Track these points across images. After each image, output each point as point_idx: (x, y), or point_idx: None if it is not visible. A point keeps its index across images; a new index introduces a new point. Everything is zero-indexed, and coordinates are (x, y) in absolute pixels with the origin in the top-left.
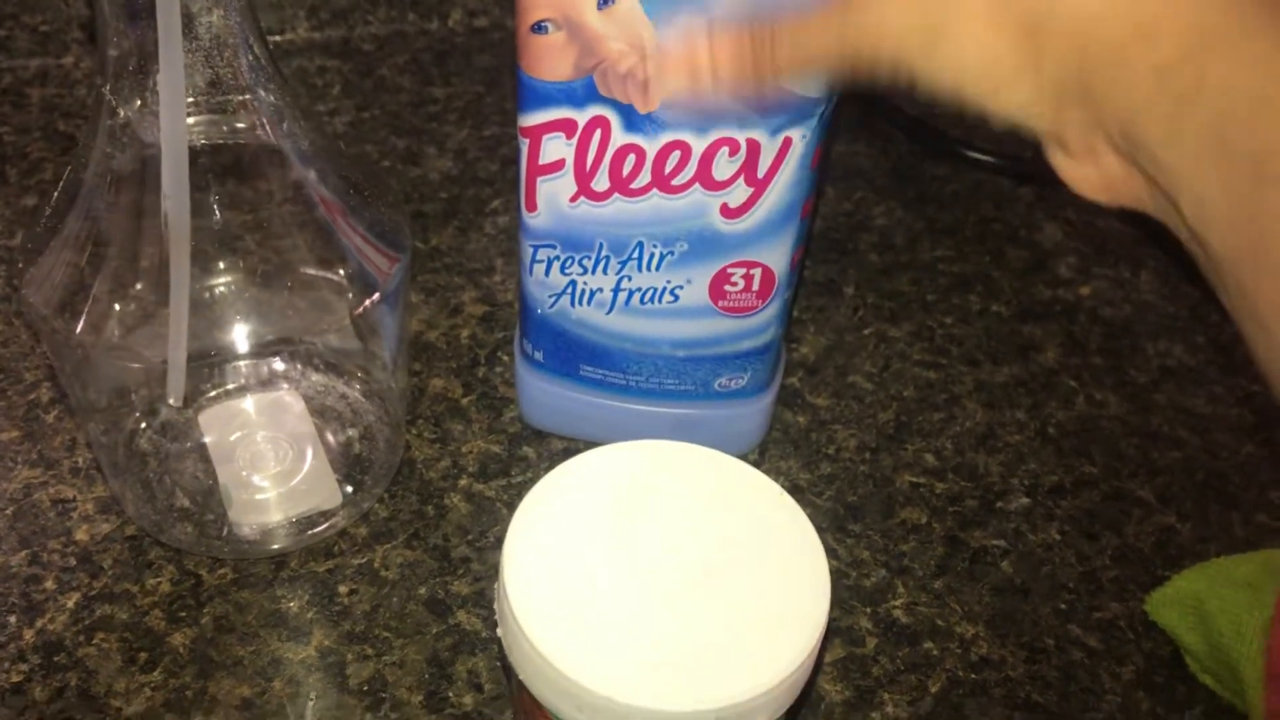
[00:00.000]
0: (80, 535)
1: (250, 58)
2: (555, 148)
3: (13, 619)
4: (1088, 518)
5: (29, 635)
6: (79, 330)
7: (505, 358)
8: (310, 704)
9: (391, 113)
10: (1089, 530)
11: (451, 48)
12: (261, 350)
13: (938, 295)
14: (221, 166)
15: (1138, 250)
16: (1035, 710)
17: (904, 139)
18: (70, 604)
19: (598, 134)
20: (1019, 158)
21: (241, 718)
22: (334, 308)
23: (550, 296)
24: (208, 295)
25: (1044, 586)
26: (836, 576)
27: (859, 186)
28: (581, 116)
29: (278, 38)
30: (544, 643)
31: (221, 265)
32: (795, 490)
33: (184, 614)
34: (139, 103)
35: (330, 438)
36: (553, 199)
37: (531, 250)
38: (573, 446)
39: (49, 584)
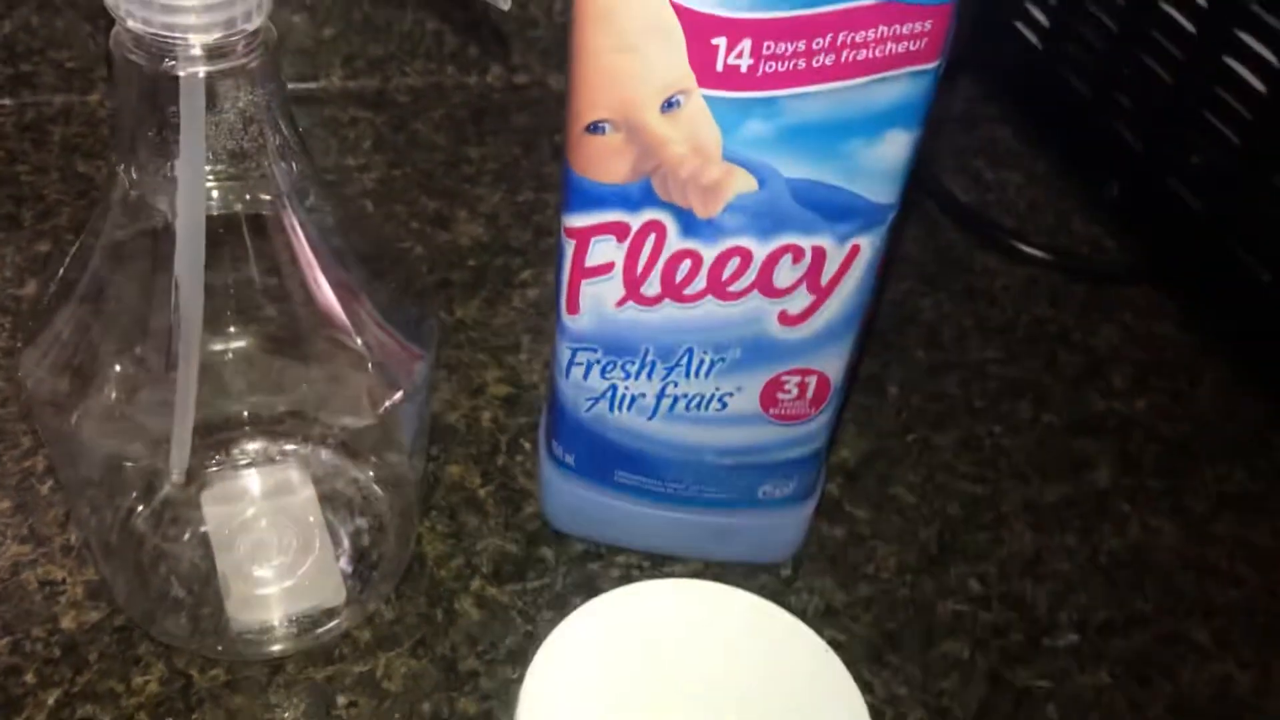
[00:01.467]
0: (67, 623)
1: (277, 138)
2: (604, 250)
3: None
4: (1140, 660)
5: None
6: (73, 420)
7: (527, 445)
8: None
9: (424, 171)
10: (1141, 674)
11: (489, 104)
12: (271, 427)
13: (986, 401)
14: (238, 237)
15: (1197, 360)
16: None
17: (953, 227)
18: (50, 701)
19: (652, 238)
20: (1073, 253)
21: None
22: (353, 386)
23: (587, 400)
24: (218, 364)
25: None
26: (872, 714)
27: (906, 275)
28: (635, 220)
29: (310, 85)
30: None
31: (231, 330)
32: (830, 613)
33: (171, 719)
34: (155, 177)
35: (338, 526)
36: (597, 302)
37: (570, 353)
38: (592, 550)
39: (29, 677)
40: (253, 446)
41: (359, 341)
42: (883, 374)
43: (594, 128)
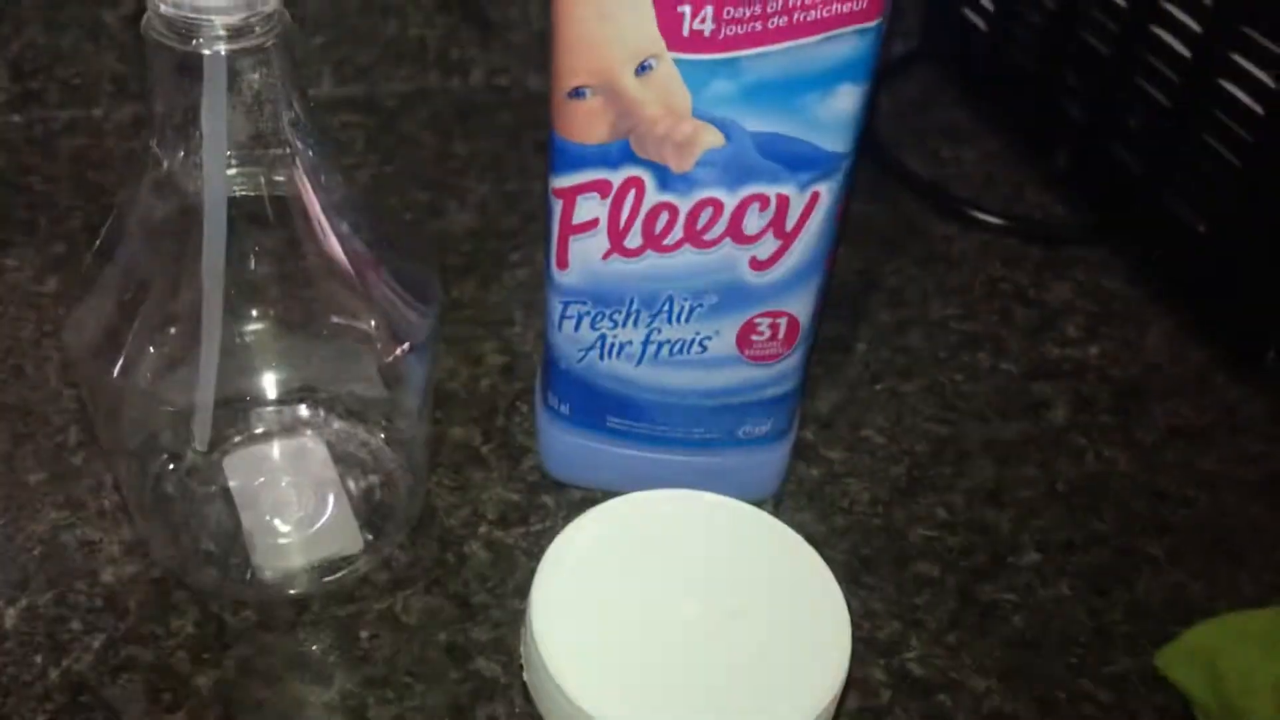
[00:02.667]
0: (106, 577)
1: (290, 114)
2: (589, 208)
3: (39, 658)
4: (1098, 574)
5: (54, 675)
6: (115, 374)
7: (524, 408)
8: None
9: (414, 167)
10: (1099, 586)
11: (472, 106)
12: (287, 397)
13: (948, 353)
14: (258, 216)
15: (1144, 311)
16: None
17: (914, 198)
18: (96, 645)
19: (632, 193)
20: (1027, 218)
21: None
22: (361, 357)
23: (579, 351)
24: (237, 341)
25: (1055, 641)
26: (852, 628)
27: (871, 245)
28: (616, 177)
29: None
30: (571, 686)
31: (253, 313)
32: (811, 542)
33: (208, 656)
34: (182, 154)
35: (352, 484)
36: (584, 257)
37: (561, 306)
38: (589, 496)
39: (75, 625)
40: (270, 415)
41: (368, 302)
42: (850, 334)
43: (575, 93)
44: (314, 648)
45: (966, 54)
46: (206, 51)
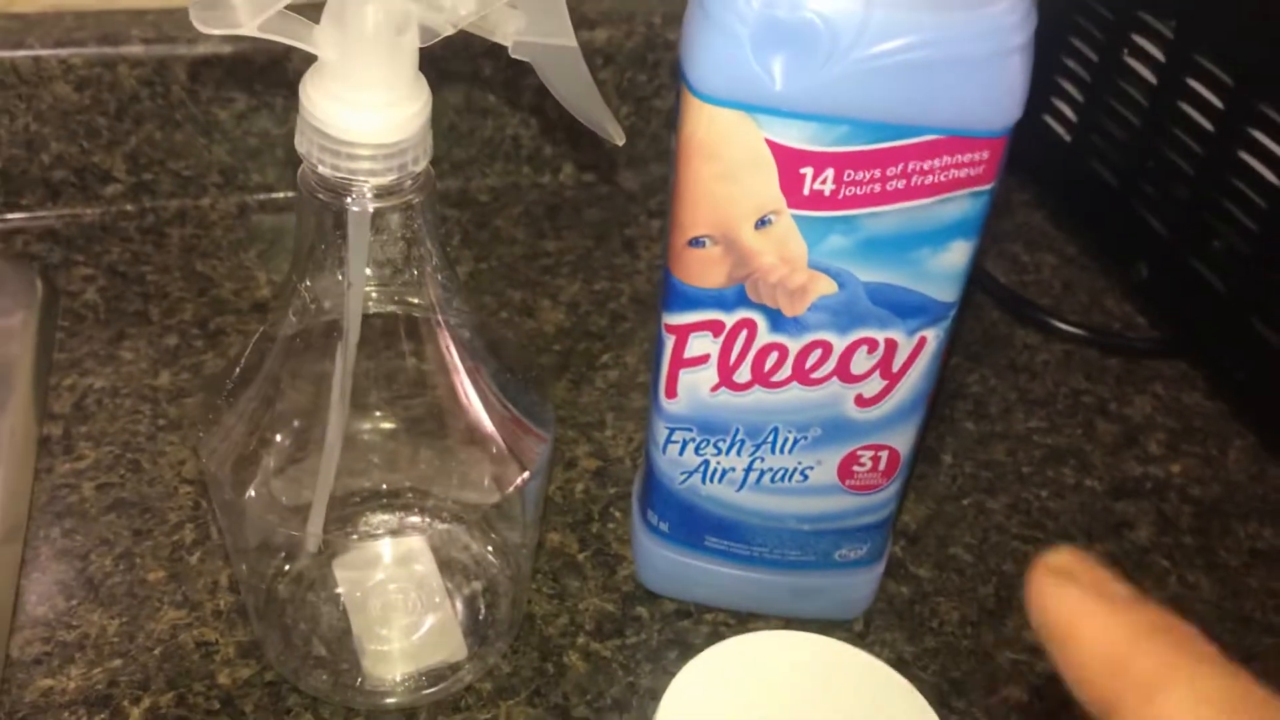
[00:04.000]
0: (223, 679)
1: (432, 260)
2: (701, 344)
3: None
4: None
5: None
6: (249, 494)
7: (617, 514)
8: None
9: (507, 264)
10: None
11: (562, 201)
12: (398, 500)
13: (1033, 468)
14: (391, 333)
15: (1225, 427)
16: None
17: (995, 306)
18: None
19: (744, 334)
20: (1107, 330)
21: None
22: (473, 464)
23: (682, 474)
24: (354, 441)
25: None
26: None
27: (954, 353)
28: (729, 319)
29: None
30: None
31: (378, 414)
32: (900, 663)
33: None
34: (327, 279)
35: (456, 591)
36: (693, 388)
37: (667, 431)
38: (683, 608)
39: None
40: (380, 519)
41: (490, 427)
42: (938, 445)
43: (695, 242)
44: None
45: (1047, 160)
46: (355, 209)
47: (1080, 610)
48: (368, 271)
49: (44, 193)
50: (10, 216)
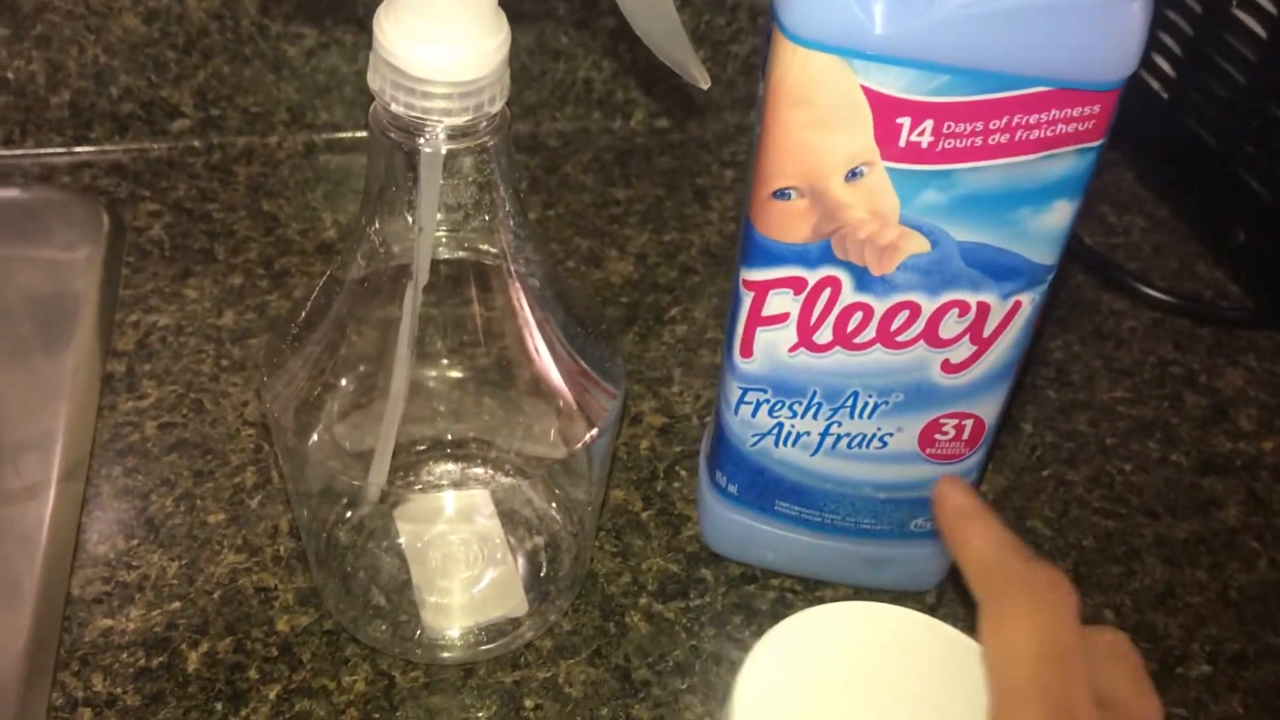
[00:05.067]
0: (281, 625)
1: (505, 205)
2: (780, 302)
3: (219, 706)
4: (1272, 692)
5: None
6: (312, 441)
7: (683, 473)
8: None
9: (575, 212)
10: (1274, 705)
11: (633, 148)
12: (461, 450)
13: (1116, 440)
14: (460, 280)
15: None
16: None
17: (1081, 270)
18: (272, 695)
19: (827, 292)
20: (1198, 298)
21: None
22: (539, 417)
23: (754, 436)
24: (420, 389)
25: None
26: None
27: None
28: (812, 276)
29: None
30: None
31: (444, 362)
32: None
33: (378, 715)
34: (396, 223)
35: (518, 545)
36: (770, 348)
37: (740, 391)
38: (749, 571)
39: (252, 673)
40: (443, 469)
41: (558, 380)
42: (1018, 413)
43: (780, 194)
44: (480, 715)
45: (1139, 117)
46: (427, 150)
47: (975, 523)
48: (439, 216)
49: (112, 126)
50: (78, 150)
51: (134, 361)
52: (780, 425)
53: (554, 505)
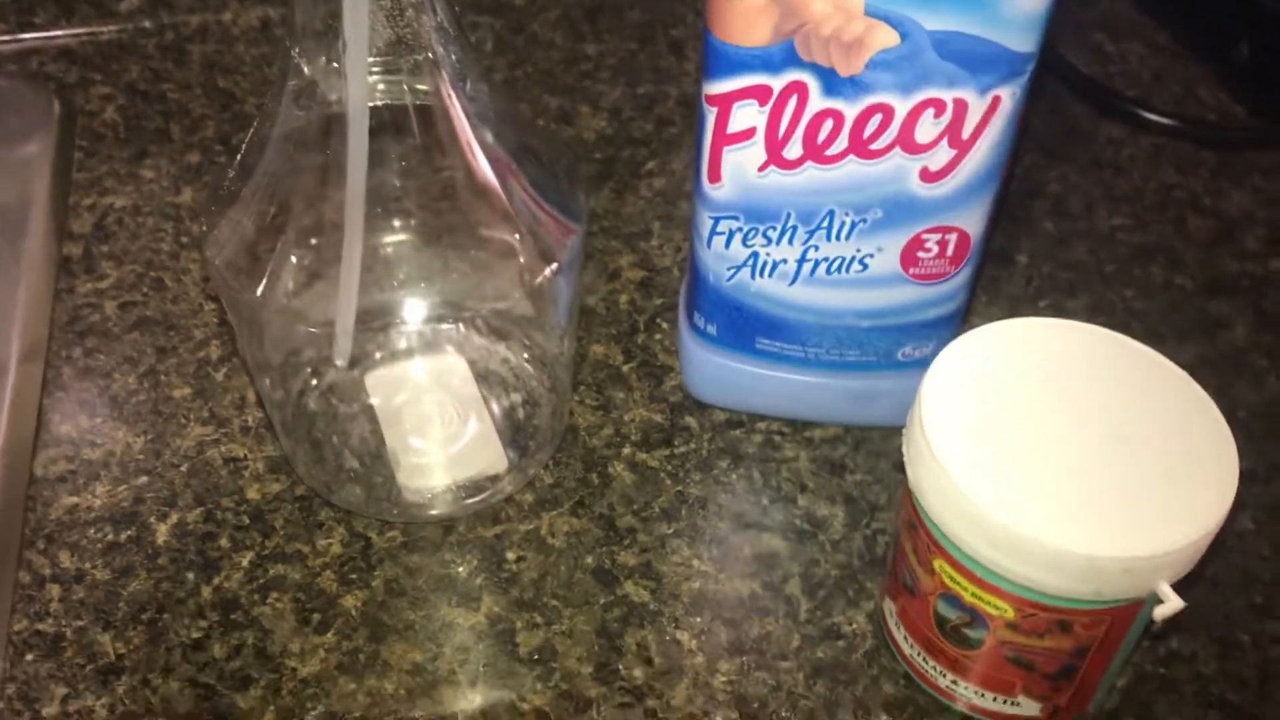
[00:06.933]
0: (252, 494)
1: (434, 19)
2: (746, 116)
3: (191, 575)
4: None
5: (207, 592)
6: (259, 292)
7: (664, 324)
8: (481, 671)
9: (544, 70)
10: None
11: (603, 3)
12: (429, 313)
13: (1117, 266)
14: (401, 125)
15: None
16: (1228, 709)
17: (1076, 98)
18: (245, 562)
19: (793, 100)
20: (1201, 120)
21: (413, 683)
22: (505, 273)
23: (729, 269)
24: (378, 255)
25: (1236, 580)
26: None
27: (1030, 150)
28: (777, 82)
29: None
30: (964, 479)
31: (395, 224)
32: None
33: (355, 576)
34: (323, 60)
35: (495, 403)
36: (739, 169)
37: (711, 222)
38: (734, 418)
39: (224, 541)
40: (412, 332)
41: (513, 217)
42: (1011, 246)
43: None
44: (460, 570)
45: None
46: None
47: None
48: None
49: (57, 10)
50: (24, 36)
51: (91, 243)
52: (755, 255)
53: (528, 359)
